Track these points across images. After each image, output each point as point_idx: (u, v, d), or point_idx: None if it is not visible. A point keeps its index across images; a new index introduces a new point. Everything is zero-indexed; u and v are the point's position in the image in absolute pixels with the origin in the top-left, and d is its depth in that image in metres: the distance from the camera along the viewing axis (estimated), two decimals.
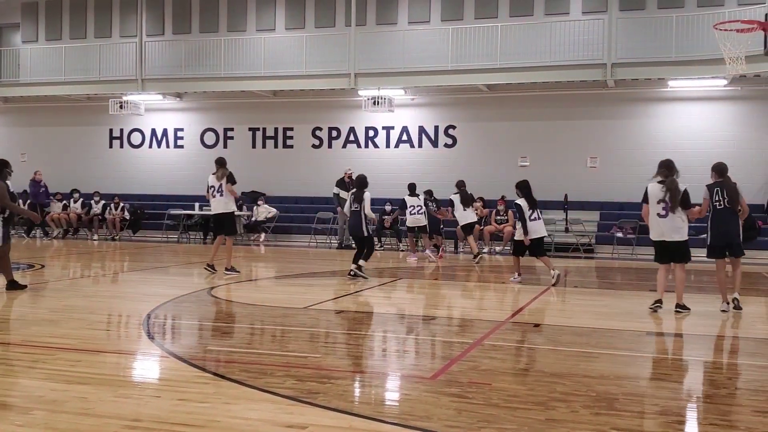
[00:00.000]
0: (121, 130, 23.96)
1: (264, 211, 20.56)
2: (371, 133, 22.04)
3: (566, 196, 19.65)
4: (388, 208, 19.13)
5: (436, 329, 8.28)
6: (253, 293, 11.21)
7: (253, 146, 22.99)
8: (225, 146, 23.16)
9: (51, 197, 21.77)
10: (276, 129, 22.83)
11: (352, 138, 22.18)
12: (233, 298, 10.37)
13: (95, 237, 20.97)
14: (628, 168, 19.22)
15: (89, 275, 13.25)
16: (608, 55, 18.52)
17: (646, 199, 9.29)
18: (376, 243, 16.09)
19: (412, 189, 16.46)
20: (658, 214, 9.14)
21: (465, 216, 15.92)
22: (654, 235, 9.32)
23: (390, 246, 19.48)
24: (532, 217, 11.77)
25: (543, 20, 19.85)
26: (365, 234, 12.18)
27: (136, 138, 23.81)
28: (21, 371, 5.69)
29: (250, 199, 21.12)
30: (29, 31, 24.68)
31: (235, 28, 22.67)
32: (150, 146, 23.75)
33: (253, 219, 20.54)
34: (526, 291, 11.33)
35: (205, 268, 12.59)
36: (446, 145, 21.45)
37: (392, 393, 5.55)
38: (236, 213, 13.71)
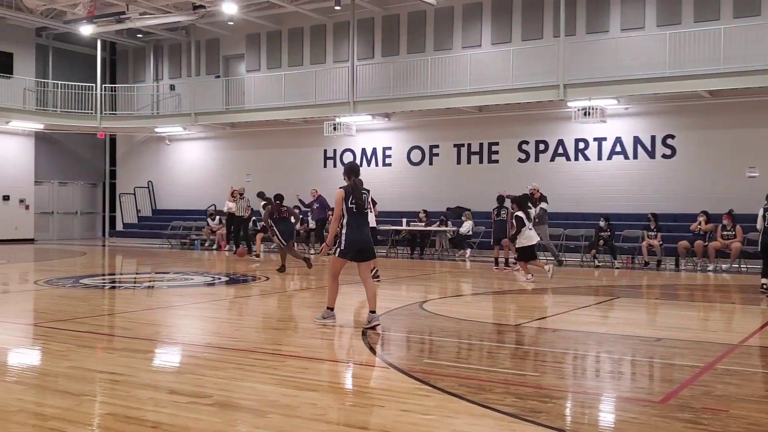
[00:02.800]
0: (335, 151, 25.14)
1: (468, 227, 20.59)
2: (581, 145, 21.38)
3: None
4: (602, 223, 18.37)
5: (662, 351, 7.76)
6: (463, 308, 11.20)
7: (458, 162, 23.15)
8: (431, 163, 23.57)
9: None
10: (481, 144, 22.83)
11: (560, 151, 21.64)
12: (444, 312, 10.41)
13: (312, 251, 22.09)
14: None
15: (308, 287, 13.92)
16: None
17: None
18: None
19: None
20: None
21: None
22: None
23: (603, 263, 18.68)
24: (529, 227, 14.12)
25: None
26: None
27: (348, 158, 24.86)
28: (255, 376, 6.03)
29: (454, 214, 21.23)
30: (252, 61, 26.68)
31: (441, 47, 23.06)
32: (360, 165, 24.60)
33: (459, 234, 20.61)
34: (753, 313, 10.35)
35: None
36: (664, 156, 20.28)
37: (619, 415, 5.25)
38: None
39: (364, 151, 24.66)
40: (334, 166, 25.13)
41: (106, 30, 24.93)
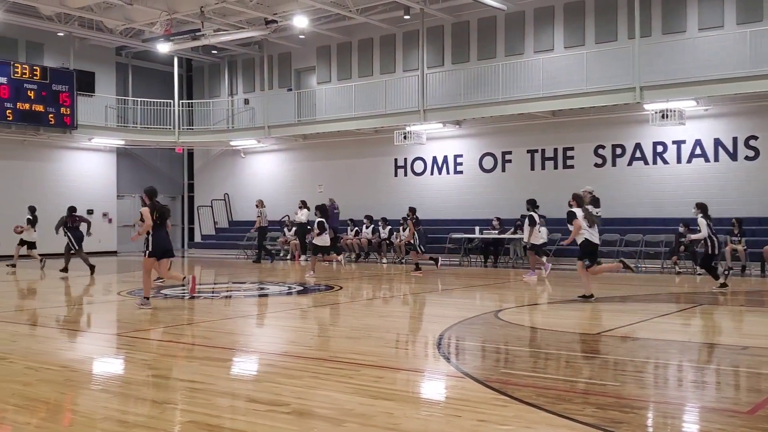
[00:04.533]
0: (405, 159, 25.19)
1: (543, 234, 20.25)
2: (659, 148, 20.81)
3: None
4: (681, 228, 17.81)
5: (748, 360, 7.46)
6: (539, 317, 11.02)
7: (532, 168, 22.86)
8: (503, 169, 23.34)
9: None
10: (555, 149, 22.49)
11: (638, 155, 21.12)
12: (520, 321, 10.27)
13: (384, 260, 22.17)
14: None
15: (381, 296, 13.97)
16: None
17: None
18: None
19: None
20: None
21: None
22: None
23: (684, 269, 18.10)
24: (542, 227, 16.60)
25: None
26: None
27: (418, 166, 24.87)
28: (331, 385, 6.06)
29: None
30: (323, 73, 27.03)
31: (512, 52, 22.87)
32: (431, 173, 24.67)
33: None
34: None
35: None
36: (747, 158, 19.55)
37: (704, 426, 5.06)
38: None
39: (435, 159, 24.63)
40: (405, 175, 25.18)
41: (182, 47, 25.66)
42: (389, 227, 22.54)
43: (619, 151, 21.40)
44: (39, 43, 26.34)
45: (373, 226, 23.07)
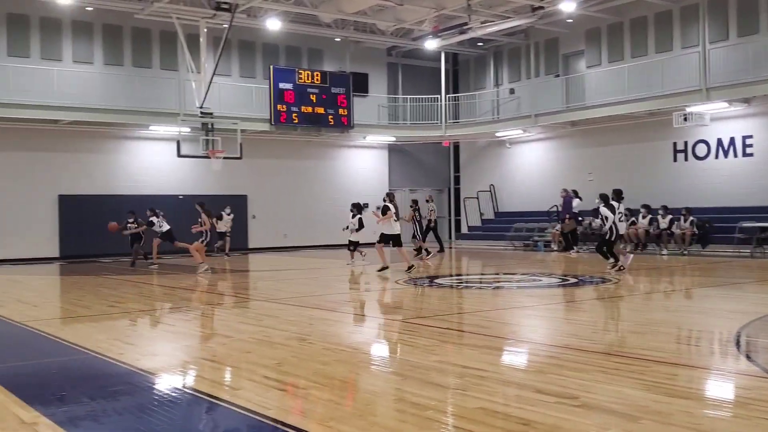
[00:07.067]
0: (685, 143, 23.42)
1: None
2: None
3: None
4: None
5: None
6: None
7: None
8: None
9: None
10: None
11: None
12: None
13: (664, 252, 20.84)
14: None
15: (662, 290, 13.12)
16: None
17: None
18: None
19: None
20: None
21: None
22: None
23: None
24: (621, 220, 15.53)
25: None
26: None
27: (700, 149, 23.01)
28: (621, 380, 5.76)
29: None
30: (593, 56, 26.05)
31: None
32: (716, 157, 22.68)
33: None
34: None
35: None
36: None
37: None
38: None
39: (719, 141, 22.59)
40: (686, 159, 23.41)
41: (450, 42, 26.20)
42: (669, 216, 21.12)
43: None
44: (318, 49, 28.41)
45: (650, 215, 21.77)
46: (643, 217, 21.75)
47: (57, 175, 23.45)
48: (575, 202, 22.95)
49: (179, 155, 23.08)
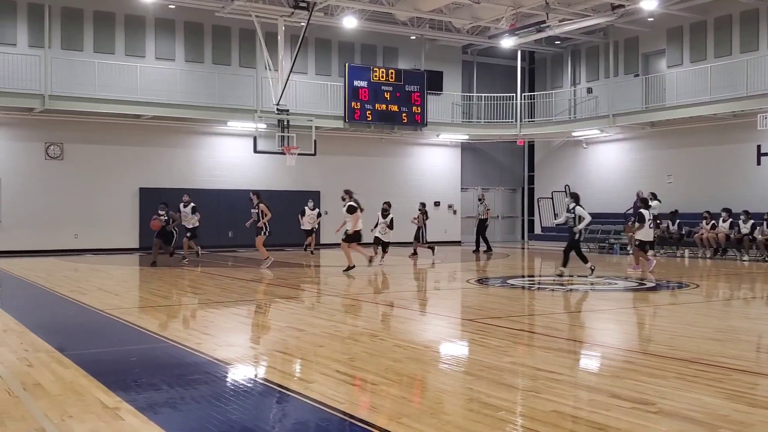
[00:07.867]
0: None
1: None
2: None
3: None
4: None
5: None
6: None
7: None
8: None
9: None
10: None
11: None
12: None
13: (745, 257, 20.13)
14: None
15: (742, 297, 12.68)
16: None
17: None
18: None
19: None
20: None
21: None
22: None
23: None
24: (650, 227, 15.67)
25: None
26: None
27: None
28: (700, 387, 5.61)
29: None
30: (674, 56, 25.33)
31: None
32: None
33: None
34: None
35: None
36: None
37: None
38: None
39: None
40: None
41: (526, 41, 25.89)
42: (751, 221, 20.37)
43: None
44: (393, 47, 28.48)
45: (731, 219, 21.04)
46: (724, 221, 21.04)
47: (138, 168, 24.21)
48: (653, 203, 22.34)
49: (255, 151, 23.56)
